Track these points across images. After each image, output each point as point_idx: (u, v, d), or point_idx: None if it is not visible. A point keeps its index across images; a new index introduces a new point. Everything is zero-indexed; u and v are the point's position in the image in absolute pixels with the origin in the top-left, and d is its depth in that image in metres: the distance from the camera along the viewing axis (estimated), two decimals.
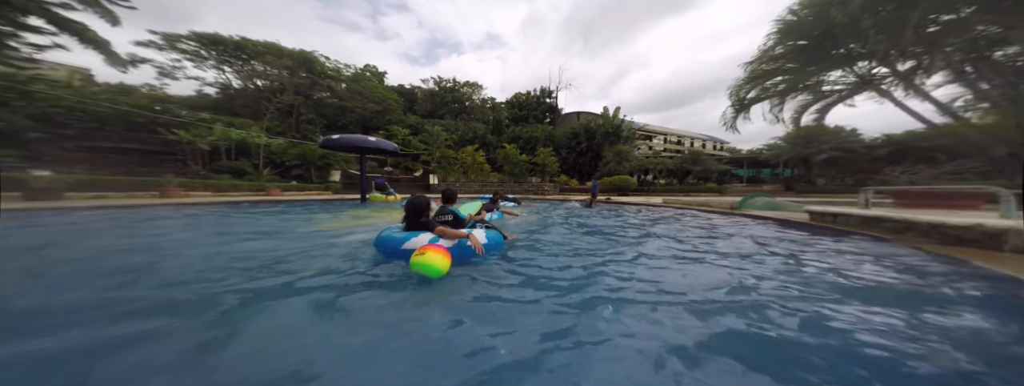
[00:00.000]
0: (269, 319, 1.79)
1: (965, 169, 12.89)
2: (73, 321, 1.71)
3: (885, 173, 18.95)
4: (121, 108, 16.82)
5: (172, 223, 5.84)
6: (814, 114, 19.71)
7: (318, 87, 30.38)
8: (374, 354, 1.43)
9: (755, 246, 4.19)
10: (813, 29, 14.39)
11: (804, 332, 1.67)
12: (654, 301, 2.11)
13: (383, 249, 3.14)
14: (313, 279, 2.50)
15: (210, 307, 1.90)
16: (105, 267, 2.89)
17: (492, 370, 1.29)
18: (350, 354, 1.42)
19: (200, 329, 1.64)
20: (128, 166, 15.97)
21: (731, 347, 1.52)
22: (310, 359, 1.35)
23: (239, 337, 1.56)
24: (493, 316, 1.87)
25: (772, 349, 1.54)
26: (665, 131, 55.31)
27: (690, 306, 2.03)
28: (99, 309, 1.87)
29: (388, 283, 2.43)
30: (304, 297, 2.11)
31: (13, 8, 11.79)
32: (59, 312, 1.84)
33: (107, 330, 1.61)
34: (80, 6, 13.20)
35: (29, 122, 13.07)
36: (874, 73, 15.61)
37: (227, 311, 1.85)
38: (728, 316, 1.86)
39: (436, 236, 3.00)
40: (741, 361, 1.38)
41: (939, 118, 14.25)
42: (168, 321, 1.71)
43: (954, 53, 12.57)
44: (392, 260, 3.00)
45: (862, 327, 1.75)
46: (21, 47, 12.73)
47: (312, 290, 2.24)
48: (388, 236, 3.16)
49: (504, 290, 2.30)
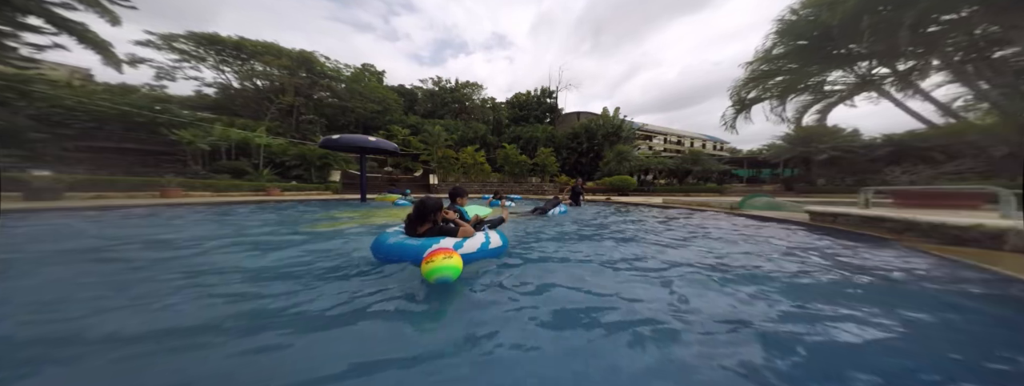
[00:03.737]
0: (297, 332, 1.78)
1: (965, 169, 12.91)
2: (76, 320, 1.72)
3: (885, 173, 18.97)
4: (121, 108, 16.82)
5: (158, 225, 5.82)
6: (815, 114, 19.73)
7: (318, 87, 30.40)
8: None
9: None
10: (813, 29, 14.40)
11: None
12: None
13: (395, 259, 2.72)
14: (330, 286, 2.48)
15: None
16: (106, 267, 2.89)
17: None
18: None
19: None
20: (128, 166, 15.97)
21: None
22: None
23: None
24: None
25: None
26: (665, 131, 55.33)
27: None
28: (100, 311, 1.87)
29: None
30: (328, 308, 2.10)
31: (13, 8, 11.80)
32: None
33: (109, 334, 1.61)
34: (80, 6, 13.21)
35: (29, 122, 13.08)
36: (874, 73, 15.62)
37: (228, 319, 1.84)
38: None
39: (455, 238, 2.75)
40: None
41: (939, 118, 14.27)
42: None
43: (954, 53, 12.58)
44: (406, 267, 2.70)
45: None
46: (21, 47, 12.75)
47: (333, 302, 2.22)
48: (400, 243, 2.74)
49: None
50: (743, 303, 2.09)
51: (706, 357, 1.41)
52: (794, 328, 1.72)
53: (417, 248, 2.60)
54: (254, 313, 1.85)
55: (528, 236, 4.86)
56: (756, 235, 5.19)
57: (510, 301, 2.08)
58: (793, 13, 15.18)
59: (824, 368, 1.36)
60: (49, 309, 1.90)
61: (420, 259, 2.48)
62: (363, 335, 1.62)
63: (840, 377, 1.29)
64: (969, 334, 1.75)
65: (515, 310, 1.93)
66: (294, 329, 1.64)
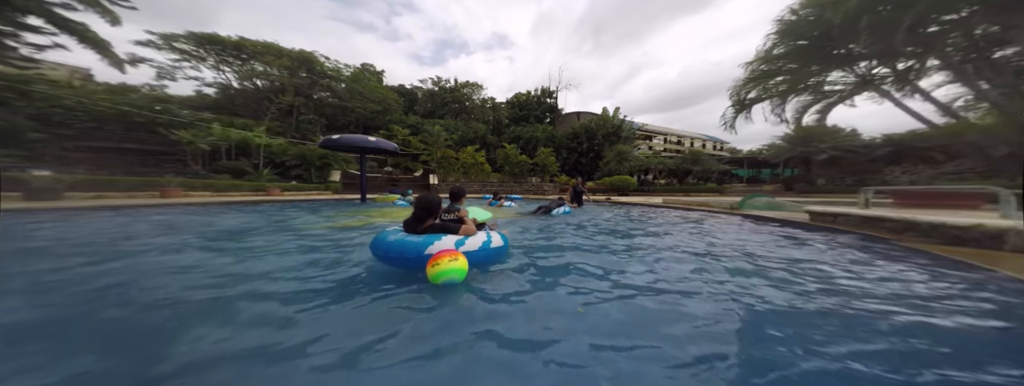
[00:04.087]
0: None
1: (965, 169, 12.90)
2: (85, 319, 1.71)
3: (885, 173, 18.99)
4: (121, 108, 16.83)
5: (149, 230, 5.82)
6: (815, 114, 19.69)
7: (318, 87, 30.40)
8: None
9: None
10: (813, 29, 14.38)
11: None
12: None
13: (395, 257, 2.60)
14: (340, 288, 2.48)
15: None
16: (105, 269, 2.89)
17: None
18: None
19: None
20: (128, 166, 15.98)
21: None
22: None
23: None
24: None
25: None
26: (665, 131, 55.34)
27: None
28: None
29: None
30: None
31: (13, 8, 11.79)
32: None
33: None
34: (80, 6, 13.20)
35: (29, 122, 13.08)
36: (874, 73, 15.60)
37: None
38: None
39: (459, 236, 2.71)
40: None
41: (939, 118, 14.24)
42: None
43: (954, 53, 12.56)
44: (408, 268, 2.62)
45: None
46: (21, 47, 12.74)
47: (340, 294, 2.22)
48: (401, 241, 2.62)
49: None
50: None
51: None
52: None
53: (418, 245, 2.54)
54: (251, 311, 1.85)
55: (539, 234, 4.86)
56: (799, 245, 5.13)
57: (514, 302, 2.08)
58: (793, 13, 15.16)
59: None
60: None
61: (421, 256, 2.47)
62: (358, 332, 1.62)
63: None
64: (970, 332, 1.74)
65: (520, 310, 1.93)
66: (291, 333, 1.64)
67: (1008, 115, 11.55)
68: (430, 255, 2.43)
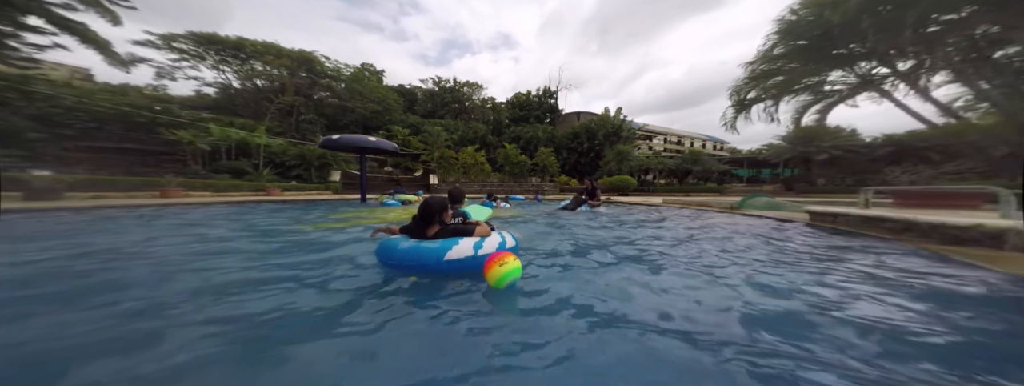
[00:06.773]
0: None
1: (965, 169, 12.90)
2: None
3: (885, 173, 18.98)
4: (121, 108, 16.83)
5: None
6: (815, 114, 19.71)
7: (318, 87, 30.41)
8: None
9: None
10: (813, 29, 14.38)
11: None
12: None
13: (413, 264, 2.45)
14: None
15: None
16: (106, 269, 2.89)
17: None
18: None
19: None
20: (128, 166, 15.98)
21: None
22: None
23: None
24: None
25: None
26: (665, 131, 55.36)
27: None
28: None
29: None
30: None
31: (13, 8, 11.80)
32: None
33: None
34: (80, 6, 13.21)
35: (29, 122, 13.08)
36: (874, 73, 15.61)
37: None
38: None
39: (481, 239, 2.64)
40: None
41: (939, 118, 14.24)
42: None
43: (954, 53, 12.56)
44: (423, 276, 2.45)
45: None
46: (21, 47, 12.75)
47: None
48: (416, 247, 2.47)
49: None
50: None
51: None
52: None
53: (437, 251, 2.40)
54: (249, 316, 1.85)
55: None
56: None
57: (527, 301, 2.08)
58: (793, 13, 15.17)
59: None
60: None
61: (441, 262, 2.39)
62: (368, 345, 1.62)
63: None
64: (967, 333, 1.74)
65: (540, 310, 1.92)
66: (288, 338, 1.65)
67: (1008, 115, 11.56)
68: (453, 260, 2.41)
